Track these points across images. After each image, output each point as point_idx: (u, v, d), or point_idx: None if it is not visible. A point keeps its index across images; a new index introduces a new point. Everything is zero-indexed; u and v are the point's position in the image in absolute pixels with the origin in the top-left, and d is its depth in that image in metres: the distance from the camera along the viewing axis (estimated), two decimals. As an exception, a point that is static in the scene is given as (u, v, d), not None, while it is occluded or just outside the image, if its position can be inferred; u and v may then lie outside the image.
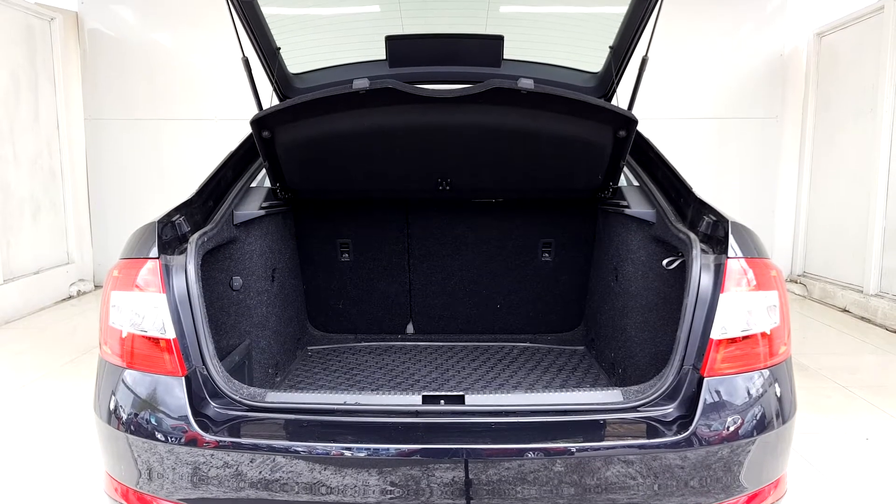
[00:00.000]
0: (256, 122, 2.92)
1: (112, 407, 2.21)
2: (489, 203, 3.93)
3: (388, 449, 2.07)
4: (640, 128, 3.07)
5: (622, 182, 3.43)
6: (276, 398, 2.29)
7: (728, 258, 2.26)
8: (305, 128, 3.02)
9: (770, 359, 2.24)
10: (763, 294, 2.25)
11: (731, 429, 2.14)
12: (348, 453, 2.08)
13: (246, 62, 3.22)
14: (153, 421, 2.15)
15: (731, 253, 2.27)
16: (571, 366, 3.64)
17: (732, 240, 2.30)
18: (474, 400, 2.28)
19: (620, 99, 3.34)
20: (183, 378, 2.19)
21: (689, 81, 8.16)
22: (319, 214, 3.91)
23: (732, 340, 2.21)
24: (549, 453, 2.07)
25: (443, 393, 2.34)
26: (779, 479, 2.29)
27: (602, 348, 3.64)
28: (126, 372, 2.22)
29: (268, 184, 3.41)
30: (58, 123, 7.70)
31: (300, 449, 2.08)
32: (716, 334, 2.21)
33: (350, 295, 4.08)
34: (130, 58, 8.07)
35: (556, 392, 2.42)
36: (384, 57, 3.36)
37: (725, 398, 2.17)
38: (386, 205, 3.94)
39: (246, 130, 3.09)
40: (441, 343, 4.03)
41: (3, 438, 3.85)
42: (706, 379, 2.19)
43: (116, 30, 8.06)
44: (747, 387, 2.20)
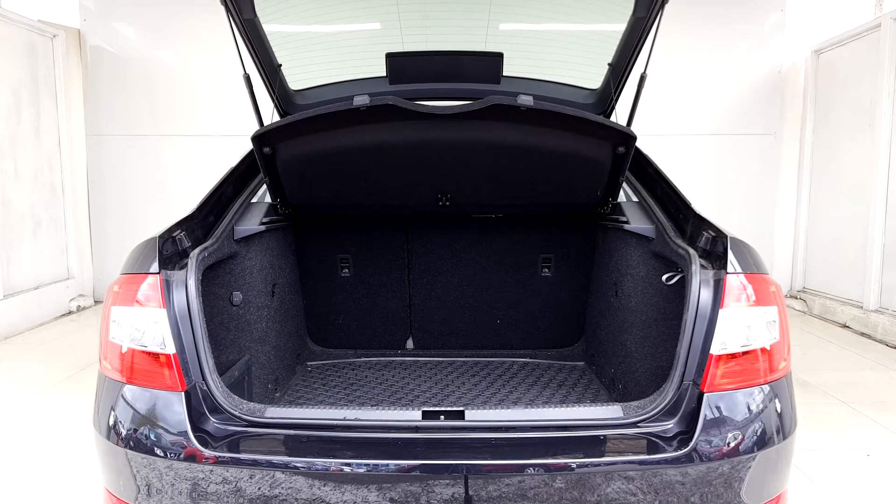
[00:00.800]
0: (257, 138, 2.94)
1: (111, 422, 2.20)
2: (489, 218, 3.94)
3: (388, 465, 2.07)
4: (640, 144, 3.09)
5: (621, 198, 3.44)
6: (276, 413, 2.29)
7: (727, 273, 2.27)
8: (306, 144, 3.04)
9: (770, 374, 2.24)
10: (762, 309, 2.26)
11: (732, 445, 2.13)
12: (348, 469, 2.07)
13: (247, 79, 3.24)
14: (152, 436, 2.14)
15: (731, 268, 2.28)
16: (571, 381, 3.64)
17: (732, 255, 2.31)
18: (474, 415, 2.28)
19: (619, 115, 3.36)
20: (183, 393, 2.18)
21: (688, 98, 8.20)
22: (320, 230, 3.92)
23: (732, 356, 2.22)
24: (550, 469, 2.07)
25: (443, 408, 2.33)
26: (779, 496, 2.28)
27: (602, 364, 3.64)
28: (126, 387, 2.22)
29: (268, 199, 3.42)
30: (59, 139, 7.74)
31: (300, 465, 2.08)
32: (715, 350, 2.21)
33: (350, 310, 4.08)
34: (132, 74, 8.12)
35: (557, 408, 2.42)
36: (384, 74, 3.39)
37: (726, 414, 2.17)
38: (386, 220, 3.95)
39: (246, 146, 3.11)
40: (441, 358, 4.02)
41: (3, 454, 3.83)
42: (706, 394, 2.18)
43: (118, 47, 8.11)
44: (747, 402, 2.20)
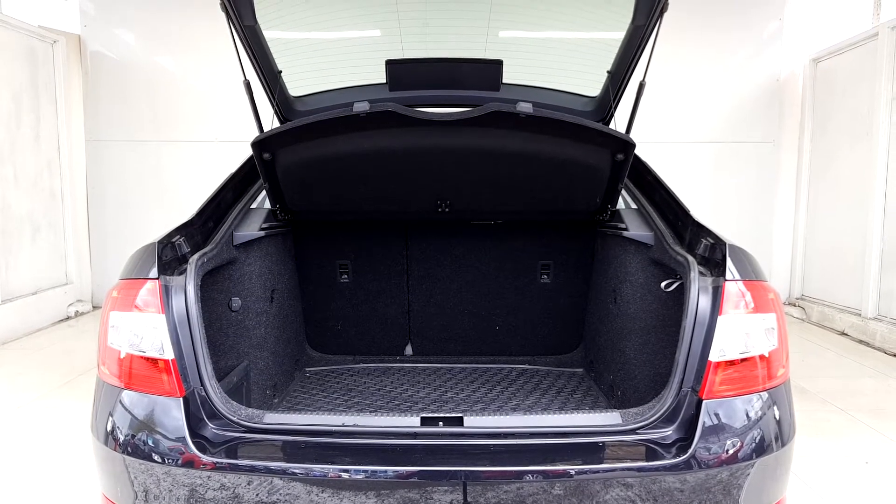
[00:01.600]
0: (257, 144, 2.94)
1: (109, 428, 2.20)
2: (488, 225, 3.94)
3: (387, 471, 2.06)
4: (639, 151, 3.10)
5: (620, 205, 3.45)
6: (274, 419, 2.28)
7: (726, 281, 2.27)
8: (306, 150, 3.04)
9: (768, 381, 2.24)
10: (761, 317, 2.26)
11: (730, 451, 2.13)
12: (346, 475, 2.07)
13: (247, 85, 3.25)
14: (150, 442, 2.14)
15: (729, 275, 2.28)
16: (570, 388, 3.63)
17: (730, 262, 2.31)
18: (473, 422, 2.27)
19: (618, 123, 3.37)
20: (181, 399, 2.18)
21: (687, 106, 8.23)
22: (319, 236, 3.92)
23: (731, 363, 2.21)
24: (548, 476, 2.06)
25: (441, 415, 2.34)
26: (778, 503, 2.28)
27: (601, 370, 3.63)
28: (124, 392, 2.21)
29: (268, 205, 3.43)
30: (59, 144, 7.75)
31: (298, 471, 2.07)
32: (714, 357, 2.21)
33: (349, 316, 4.08)
34: (132, 80, 8.13)
35: (555, 414, 2.42)
36: (384, 80, 3.40)
37: (724, 421, 2.17)
38: (385, 226, 3.95)
39: (246, 152, 3.11)
40: (440, 364, 4.02)
41: (0, 460, 3.83)
42: (705, 401, 2.18)
43: (118, 52, 8.13)
44: (746, 409, 2.20)
